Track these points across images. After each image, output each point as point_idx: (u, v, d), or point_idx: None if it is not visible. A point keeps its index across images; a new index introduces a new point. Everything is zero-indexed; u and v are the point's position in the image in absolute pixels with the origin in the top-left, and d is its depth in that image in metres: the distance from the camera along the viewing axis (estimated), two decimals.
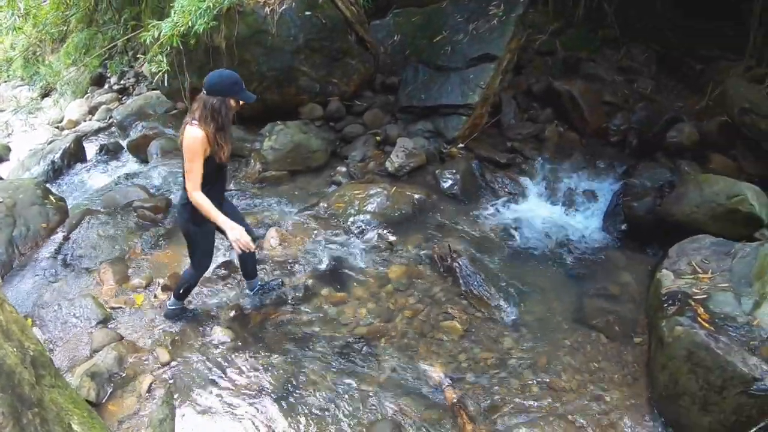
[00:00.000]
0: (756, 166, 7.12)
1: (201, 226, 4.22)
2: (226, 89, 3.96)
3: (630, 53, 8.91)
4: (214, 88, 3.91)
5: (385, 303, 4.93)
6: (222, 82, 3.95)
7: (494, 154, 6.97)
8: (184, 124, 3.98)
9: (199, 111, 3.90)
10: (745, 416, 3.67)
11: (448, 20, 7.45)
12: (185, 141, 3.90)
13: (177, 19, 6.22)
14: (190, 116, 3.97)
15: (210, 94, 3.90)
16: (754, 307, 4.12)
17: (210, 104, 3.88)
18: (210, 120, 3.89)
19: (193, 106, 4.00)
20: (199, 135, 3.86)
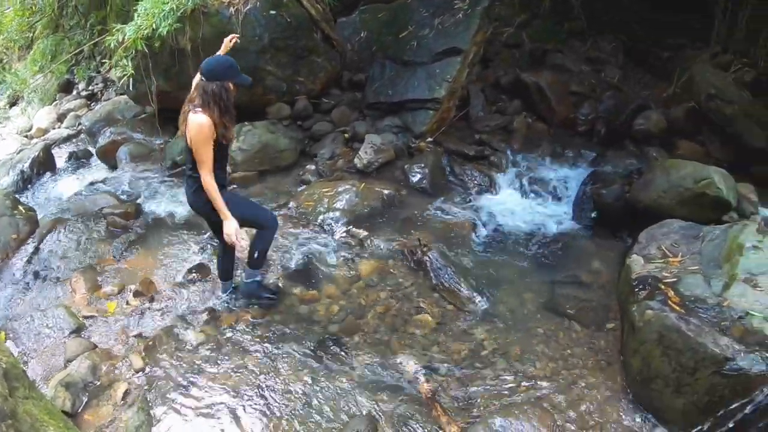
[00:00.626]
0: (723, 150, 7.24)
1: (226, 195, 4.34)
2: (224, 73, 4.06)
3: (597, 44, 8.97)
4: (212, 73, 4.02)
5: (356, 299, 4.92)
6: (219, 67, 4.07)
7: (463, 147, 6.99)
8: (184, 113, 4.10)
9: (200, 98, 4.00)
10: (718, 396, 3.70)
11: (413, 15, 7.46)
12: (192, 129, 3.99)
13: (141, 22, 6.17)
14: (189, 105, 4.08)
15: (209, 80, 4.00)
16: (724, 288, 4.16)
17: (210, 90, 3.98)
18: (213, 105, 3.98)
19: (191, 94, 4.10)
20: (204, 121, 3.95)
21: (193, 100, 4.06)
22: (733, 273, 4.23)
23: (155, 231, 6.01)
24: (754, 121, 7.17)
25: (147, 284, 5.10)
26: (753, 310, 3.93)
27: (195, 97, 4.04)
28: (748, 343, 3.74)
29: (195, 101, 4.03)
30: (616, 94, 7.86)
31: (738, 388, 3.62)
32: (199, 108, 3.99)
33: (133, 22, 6.30)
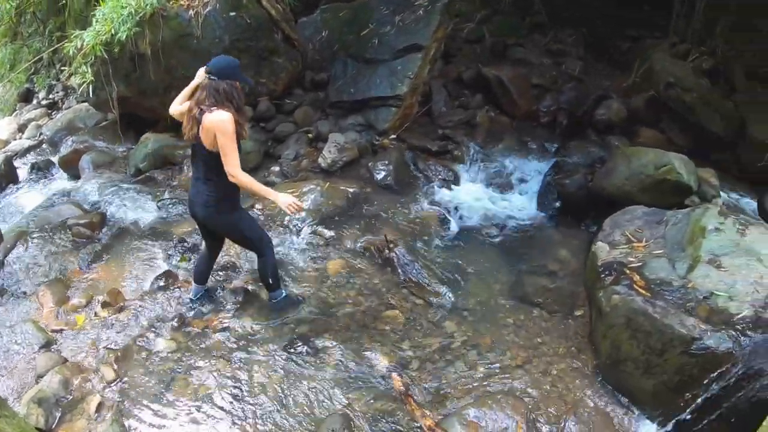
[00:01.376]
0: (683, 137, 7.39)
1: (238, 209, 4.32)
2: (234, 72, 4.00)
3: (558, 37, 9.11)
4: (225, 71, 3.95)
5: (325, 298, 4.91)
6: (230, 66, 4.01)
7: (426, 142, 7.03)
8: (193, 116, 3.95)
9: (212, 97, 3.89)
10: (687, 376, 3.79)
11: (374, 13, 7.46)
12: (217, 127, 3.83)
13: (99, 27, 6.09)
14: (197, 107, 3.93)
15: (221, 79, 3.91)
16: (689, 270, 4.25)
17: (222, 89, 3.89)
18: (227, 102, 3.90)
19: (199, 95, 3.96)
20: (227, 116, 3.83)
21: (202, 101, 3.93)
22: (697, 255, 4.31)
23: (121, 240, 5.91)
24: (713, 108, 7.35)
25: (115, 294, 5.03)
26: (717, 290, 4.02)
27: (204, 98, 3.92)
28: (713, 322, 3.83)
29: (205, 102, 3.91)
30: (578, 85, 8.00)
31: (707, 367, 3.71)
32: (214, 107, 3.87)
33: (92, 28, 6.21)
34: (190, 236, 5.71)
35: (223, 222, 4.30)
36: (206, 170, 4.09)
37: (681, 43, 8.29)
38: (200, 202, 4.21)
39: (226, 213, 4.24)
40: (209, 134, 3.88)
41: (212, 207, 4.19)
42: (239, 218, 4.35)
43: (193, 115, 3.98)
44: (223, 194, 4.14)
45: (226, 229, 4.42)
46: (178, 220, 6.07)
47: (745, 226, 4.50)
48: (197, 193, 4.22)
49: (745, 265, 4.16)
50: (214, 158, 3.96)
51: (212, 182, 4.10)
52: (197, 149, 4.08)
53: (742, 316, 3.85)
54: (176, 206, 6.36)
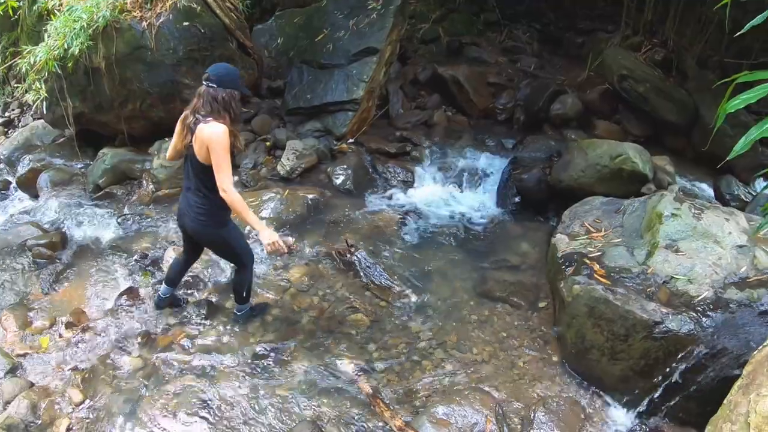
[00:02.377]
0: (638, 127, 7.54)
1: (229, 223, 4.18)
2: (234, 81, 3.86)
3: (512, 34, 9.22)
4: (224, 80, 3.80)
5: (289, 306, 4.88)
6: (229, 74, 3.86)
7: (384, 144, 7.05)
8: (188, 125, 3.83)
9: (208, 106, 3.75)
10: (652, 359, 3.88)
11: (328, 18, 7.45)
12: (212, 139, 3.68)
13: (52, 42, 5.98)
14: (193, 115, 3.80)
15: (221, 87, 3.76)
16: (647, 256, 4.32)
17: (221, 97, 3.75)
18: (224, 112, 3.77)
19: (195, 103, 3.82)
20: (222, 129, 3.70)
21: (198, 109, 3.78)
22: (655, 241, 4.39)
23: (82, 259, 5.79)
24: (666, 97, 7.51)
25: (78, 314, 4.93)
26: (676, 273, 4.11)
27: (200, 106, 3.77)
28: (674, 305, 3.92)
29: (201, 110, 3.77)
30: (533, 81, 8.10)
31: (671, 349, 3.79)
32: (210, 117, 3.74)
33: (44, 43, 6.10)
34: (151, 251, 5.62)
35: (213, 236, 4.19)
36: (198, 182, 3.97)
37: (633, 36, 8.47)
38: (191, 215, 4.09)
39: (216, 227, 4.12)
40: (203, 147, 3.76)
41: (202, 221, 4.07)
42: (228, 233, 4.21)
43: (187, 124, 3.85)
44: (214, 208, 4.03)
45: (214, 244, 4.33)
46: (138, 236, 5.98)
47: (701, 210, 4.60)
48: (188, 205, 4.09)
49: (702, 248, 4.26)
50: (207, 171, 3.84)
51: (204, 195, 3.99)
52: (190, 160, 3.96)
53: (702, 298, 3.95)
54: (137, 222, 6.26)
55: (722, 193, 6.61)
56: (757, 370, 2.74)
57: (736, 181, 6.68)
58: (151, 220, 6.25)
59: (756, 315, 3.81)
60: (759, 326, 3.71)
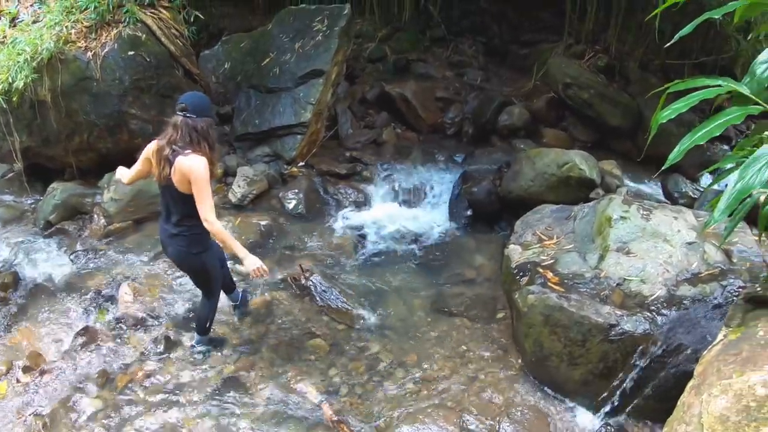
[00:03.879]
0: (585, 132, 7.72)
1: (209, 250, 4.22)
2: (209, 109, 3.95)
3: (458, 48, 9.31)
4: (200, 109, 3.82)
5: (247, 336, 4.83)
6: (204, 103, 3.90)
7: (334, 166, 7.03)
8: (163, 157, 3.80)
9: (187, 137, 3.74)
10: (611, 361, 3.94)
11: (274, 42, 7.42)
12: (192, 171, 3.69)
13: None
14: (168, 145, 3.77)
15: (199, 116, 3.78)
16: (599, 260, 4.40)
17: (200, 127, 3.76)
18: (203, 142, 3.77)
19: (172, 135, 3.78)
20: (203, 162, 3.72)
21: (175, 140, 3.75)
22: (606, 245, 4.47)
23: (36, 298, 5.63)
24: (611, 102, 7.71)
25: (35, 357, 4.80)
26: (629, 275, 4.19)
27: (178, 138, 3.74)
28: (628, 306, 4.00)
29: (178, 141, 3.74)
30: (480, 94, 8.20)
31: (628, 350, 3.86)
32: (188, 148, 3.73)
33: None
34: (105, 288, 5.52)
35: (194, 263, 4.21)
36: (179, 213, 3.98)
37: (576, 45, 8.65)
38: (173, 244, 4.12)
39: (198, 253, 4.15)
40: (183, 178, 3.75)
41: (186, 249, 4.10)
42: (207, 258, 4.24)
43: (165, 156, 3.80)
44: (195, 235, 4.05)
45: (193, 271, 4.33)
46: (92, 272, 5.85)
47: (649, 210, 4.71)
48: (169, 236, 4.11)
49: (653, 248, 4.35)
50: (188, 201, 3.84)
51: (185, 225, 4.01)
52: (168, 192, 3.95)
53: (655, 297, 4.03)
54: (90, 258, 6.13)
55: (670, 191, 6.77)
56: (707, 371, 2.79)
57: (683, 179, 6.85)
58: (104, 256, 6.11)
59: (710, 309, 3.90)
60: (714, 320, 3.80)
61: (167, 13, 7.16)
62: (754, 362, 2.61)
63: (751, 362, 2.62)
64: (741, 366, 2.64)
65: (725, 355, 2.79)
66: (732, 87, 2.60)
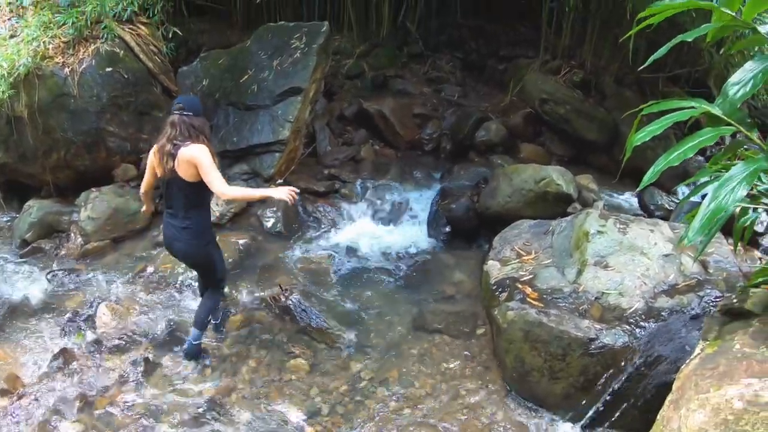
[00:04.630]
0: (562, 147, 7.81)
1: (214, 241, 4.61)
2: (201, 109, 4.32)
3: (436, 64, 9.38)
4: (196, 108, 4.23)
5: (227, 356, 4.79)
6: (198, 104, 4.34)
7: (312, 184, 7.02)
8: (166, 153, 4.10)
9: (186, 132, 4.08)
10: (592, 374, 3.97)
11: (252, 59, 7.40)
12: (198, 155, 4.02)
13: None
14: (168, 141, 4.08)
15: (195, 115, 4.17)
16: (578, 274, 4.45)
17: (196, 123, 4.15)
18: (200, 136, 4.13)
19: (171, 132, 4.11)
20: (204, 147, 4.09)
21: (174, 137, 4.08)
22: (584, 259, 4.52)
23: (12, 320, 5.53)
24: (587, 116, 7.80)
25: (13, 380, 4.69)
26: (607, 288, 4.24)
27: (177, 134, 4.08)
28: (607, 320, 4.05)
29: (178, 137, 4.07)
30: (458, 110, 8.25)
31: (608, 363, 3.91)
32: (189, 141, 4.06)
33: None
34: (83, 309, 5.45)
35: (203, 254, 4.47)
36: (186, 204, 4.25)
37: (553, 60, 8.74)
38: (183, 238, 4.36)
39: (206, 245, 4.45)
40: (189, 166, 4.05)
41: (194, 242, 4.37)
42: (215, 250, 4.58)
43: (167, 151, 4.10)
44: (202, 227, 4.38)
45: (205, 261, 4.54)
46: (70, 293, 5.79)
47: (626, 224, 4.78)
48: (178, 230, 4.34)
49: (630, 261, 4.41)
50: (194, 190, 4.17)
51: (193, 217, 4.29)
52: (174, 184, 4.21)
53: (634, 310, 4.08)
54: (67, 278, 6.06)
55: (646, 204, 6.85)
56: (685, 385, 2.82)
57: (659, 191, 6.92)
58: (81, 276, 6.05)
59: (688, 320, 3.96)
60: (692, 330, 3.85)
61: (145, 29, 7.17)
62: (731, 376, 2.64)
63: (728, 376, 2.65)
64: (718, 380, 2.67)
65: (702, 370, 2.82)
66: (705, 109, 2.65)
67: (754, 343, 2.80)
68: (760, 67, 2.57)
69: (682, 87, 8.86)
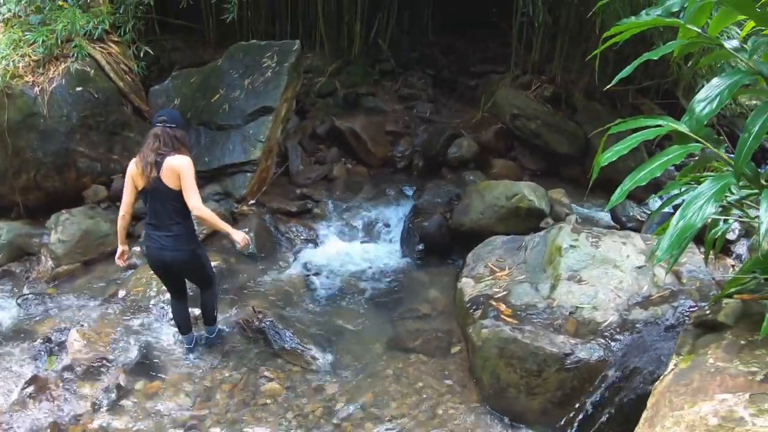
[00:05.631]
0: (534, 162, 7.88)
1: (201, 245, 4.83)
2: (183, 122, 4.61)
3: (407, 81, 9.44)
4: (178, 120, 4.47)
5: (201, 382, 4.70)
6: (179, 117, 4.58)
7: (285, 204, 6.98)
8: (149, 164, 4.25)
9: (169, 142, 4.29)
10: (569, 389, 3.98)
11: (224, 78, 7.38)
12: (180, 167, 4.21)
13: None
14: (152, 152, 4.25)
15: (177, 127, 4.41)
16: (551, 289, 4.47)
17: (179, 135, 4.38)
18: (183, 148, 4.36)
19: (153, 144, 4.29)
20: (188, 159, 4.30)
21: (158, 148, 4.26)
22: (557, 274, 4.55)
23: None
24: (557, 130, 7.88)
25: None
26: (581, 303, 4.27)
27: (160, 145, 4.26)
28: (582, 334, 4.07)
29: (161, 148, 4.25)
30: (430, 126, 8.30)
31: (585, 377, 3.92)
32: (173, 152, 4.26)
33: None
34: (55, 334, 5.33)
35: (192, 259, 4.57)
36: (172, 212, 4.37)
37: (523, 75, 8.85)
38: (171, 246, 4.44)
39: (194, 249, 4.56)
40: (173, 174, 4.22)
41: (185, 247, 4.48)
42: (202, 252, 4.74)
43: (151, 161, 4.25)
44: (188, 232, 4.50)
45: (194, 267, 4.66)
46: (41, 318, 5.66)
47: (598, 237, 4.82)
48: (165, 239, 4.43)
49: (603, 274, 4.45)
50: (179, 198, 4.29)
51: (179, 223, 4.41)
52: (158, 194, 4.32)
53: (608, 323, 4.11)
54: (38, 302, 5.94)
55: (618, 215, 6.91)
56: (660, 402, 2.82)
57: (630, 203, 6.98)
58: (53, 300, 5.94)
59: (663, 331, 4.00)
60: (667, 341, 3.86)
61: (117, 47, 7.12)
62: (704, 392, 2.64)
63: (702, 392, 2.65)
64: (692, 396, 2.67)
65: (676, 386, 2.82)
66: (672, 127, 2.67)
67: (727, 357, 2.79)
68: (726, 84, 2.59)
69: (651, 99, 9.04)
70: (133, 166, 4.41)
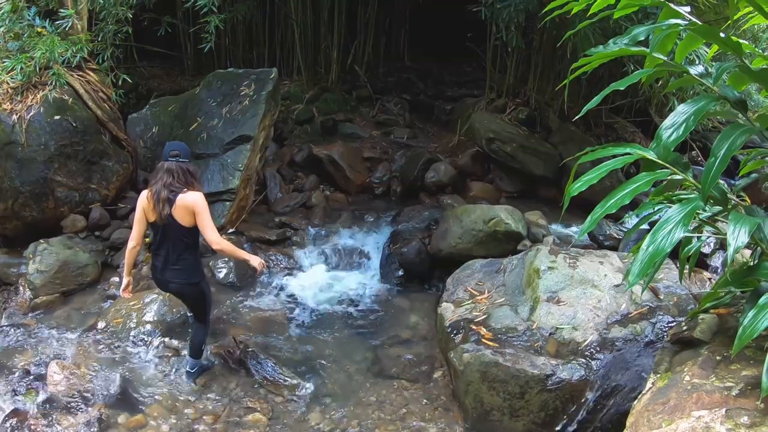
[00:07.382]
0: (511, 184, 7.97)
1: (205, 276, 4.84)
2: (191, 154, 4.63)
3: (384, 107, 9.55)
4: (188, 154, 4.50)
5: (183, 414, 4.64)
6: (188, 149, 4.60)
7: (264, 232, 6.96)
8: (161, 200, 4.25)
9: (182, 178, 4.30)
10: (551, 409, 4.02)
11: (202, 106, 7.38)
12: (197, 203, 4.27)
13: None
14: (165, 188, 4.25)
15: (187, 160, 4.43)
16: (531, 311, 4.53)
17: (192, 170, 4.41)
18: (194, 180, 4.38)
19: (166, 179, 4.27)
20: (201, 195, 4.34)
21: (169, 183, 4.26)
22: (536, 296, 4.60)
23: None
24: (533, 152, 7.99)
25: None
26: (561, 323, 4.32)
27: (173, 180, 4.26)
28: (563, 354, 4.12)
29: (174, 183, 4.26)
30: (407, 151, 8.37)
31: (567, 397, 3.97)
32: (185, 188, 4.28)
33: None
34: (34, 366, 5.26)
35: (197, 291, 4.65)
36: (183, 247, 4.44)
37: (498, 98, 9.00)
38: (179, 279, 4.54)
39: (199, 281, 4.65)
40: (187, 212, 4.27)
41: (190, 280, 4.57)
42: (206, 285, 4.79)
43: (163, 198, 4.26)
44: (196, 265, 4.62)
45: (196, 298, 4.72)
46: (19, 350, 5.56)
47: (576, 258, 4.89)
48: (171, 272, 4.51)
49: (582, 294, 4.52)
50: (190, 233, 4.38)
51: (188, 259, 4.49)
52: (170, 229, 4.37)
53: (588, 342, 4.17)
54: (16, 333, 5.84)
55: (595, 234, 6.98)
56: (638, 421, 2.86)
57: (607, 222, 7.07)
58: (31, 331, 5.83)
59: (642, 347, 4.08)
60: (647, 357, 3.97)
61: (95, 75, 7.11)
62: (681, 409, 2.69)
63: (679, 410, 2.69)
64: (669, 414, 2.72)
65: (654, 405, 2.87)
66: (640, 154, 2.75)
67: (703, 373, 2.85)
68: (693, 110, 2.66)
69: (625, 117, 9.24)
70: (144, 200, 4.43)
